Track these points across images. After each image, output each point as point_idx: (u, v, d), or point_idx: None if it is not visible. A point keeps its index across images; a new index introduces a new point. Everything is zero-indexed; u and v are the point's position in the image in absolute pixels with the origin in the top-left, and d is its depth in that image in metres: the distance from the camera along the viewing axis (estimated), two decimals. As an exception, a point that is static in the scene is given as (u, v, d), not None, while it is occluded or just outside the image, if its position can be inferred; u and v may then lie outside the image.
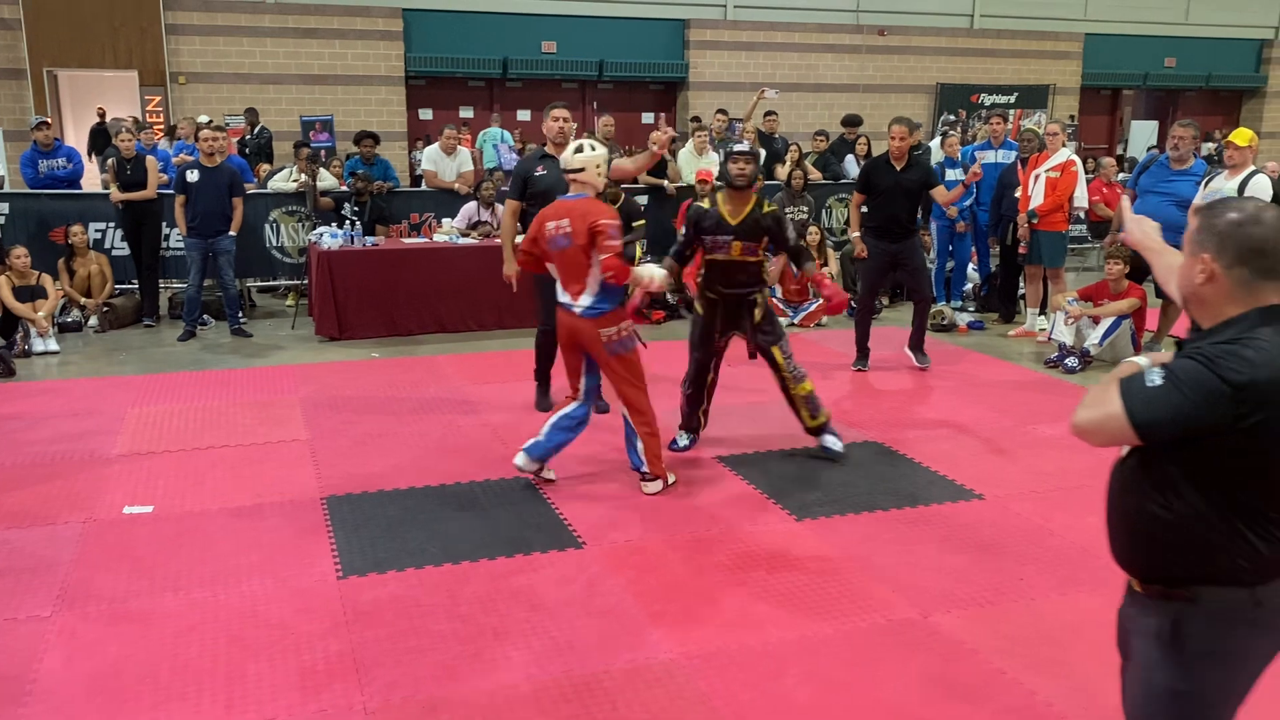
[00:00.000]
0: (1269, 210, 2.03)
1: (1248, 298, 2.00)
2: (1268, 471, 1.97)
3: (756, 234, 5.30)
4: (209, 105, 13.29)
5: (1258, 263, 1.98)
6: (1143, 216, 2.56)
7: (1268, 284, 2.00)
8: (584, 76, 15.46)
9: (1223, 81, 18.88)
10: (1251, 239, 1.99)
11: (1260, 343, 1.93)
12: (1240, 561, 2.00)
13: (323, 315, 8.47)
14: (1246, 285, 2.00)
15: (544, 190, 5.97)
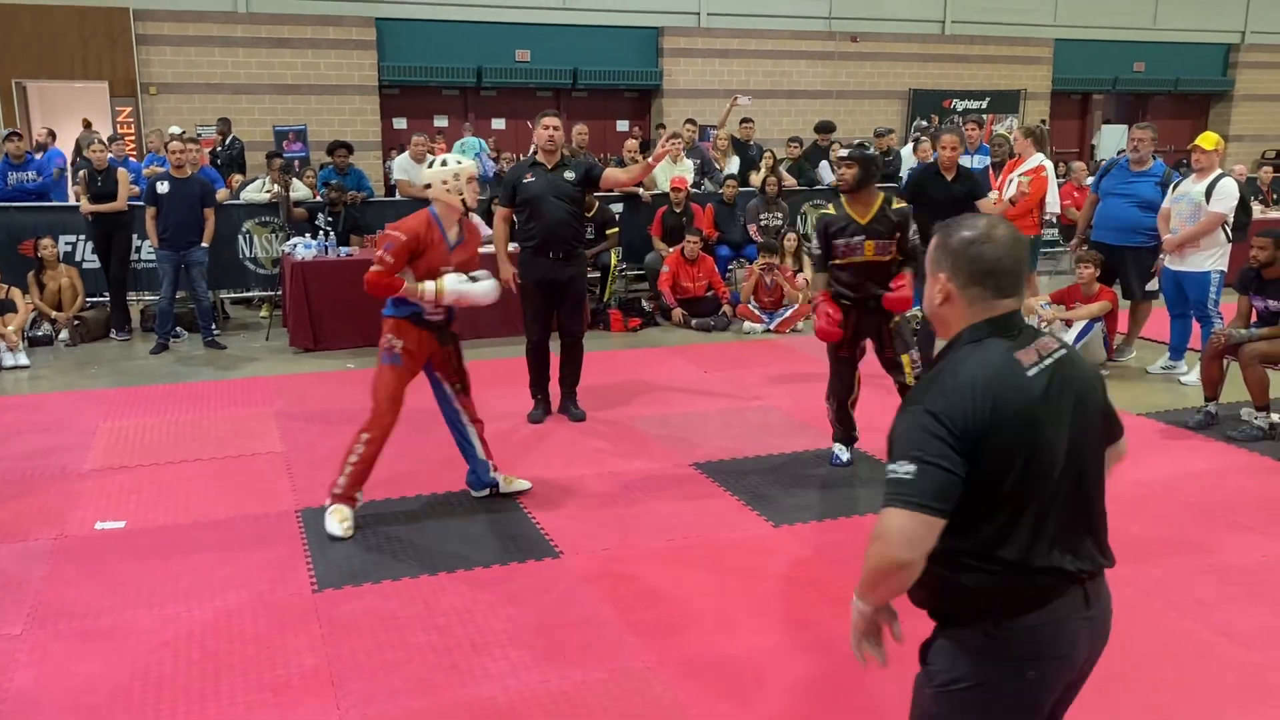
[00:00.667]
0: (1001, 228, 2.03)
1: (988, 314, 2.01)
2: (986, 498, 1.91)
3: (889, 231, 5.15)
4: (181, 116, 13.19)
5: (990, 282, 1.99)
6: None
7: (1001, 302, 2.01)
8: (558, 85, 15.46)
9: (1191, 85, 19.10)
10: (983, 258, 1.99)
11: (963, 364, 1.95)
12: (969, 595, 1.97)
13: (297, 326, 8.41)
14: (980, 304, 2.00)
15: (532, 197, 6.11)
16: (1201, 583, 4.20)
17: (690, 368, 7.79)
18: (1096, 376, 2.10)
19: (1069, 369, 2.00)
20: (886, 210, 5.16)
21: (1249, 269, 6.24)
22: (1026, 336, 2.01)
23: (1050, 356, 1.99)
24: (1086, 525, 2.03)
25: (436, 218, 4.69)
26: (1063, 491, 1.97)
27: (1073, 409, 1.98)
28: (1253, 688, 3.43)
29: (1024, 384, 1.93)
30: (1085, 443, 2.01)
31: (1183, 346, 7.50)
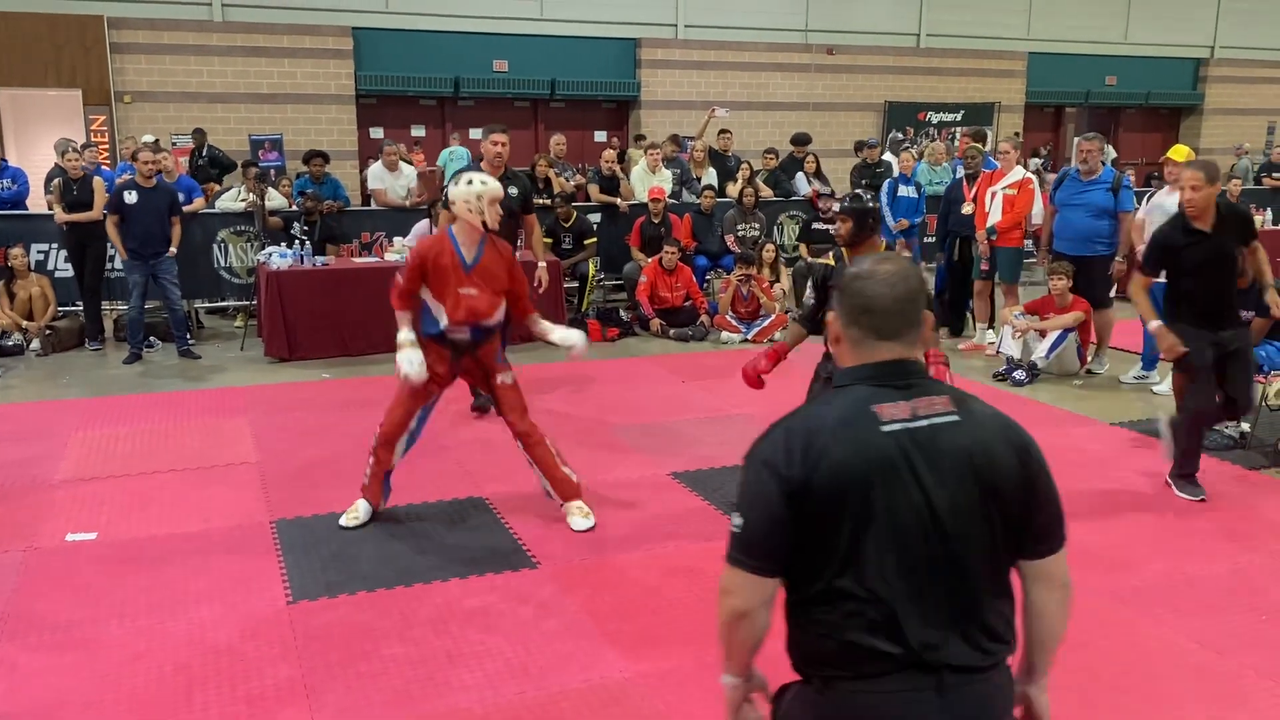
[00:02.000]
0: (889, 264, 1.90)
1: (868, 358, 1.87)
2: (817, 552, 1.80)
3: None
4: (155, 125, 13.10)
5: (865, 321, 1.86)
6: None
7: (882, 346, 1.86)
8: (536, 95, 15.46)
9: (1162, 99, 19.34)
10: (860, 295, 1.88)
11: (813, 409, 1.86)
12: (798, 647, 1.89)
13: (272, 336, 8.36)
14: (863, 347, 1.88)
15: None
16: (1175, 590, 4.23)
17: (668, 377, 7.79)
18: (1009, 464, 1.82)
19: (956, 438, 1.80)
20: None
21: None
22: (911, 391, 1.83)
23: (929, 419, 1.80)
24: (955, 616, 1.79)
25: (453, 237, 4.67)
26: (919, 569, 1.77)
27: (947, 483, 1.77)
28: (1226, 694, 3.46)
29: (869, 439, 1.77)
30: (963, 525, 1.78)
31: (1155, 357, 7.56)
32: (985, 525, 1.81)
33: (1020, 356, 7.75)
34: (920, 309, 1.89)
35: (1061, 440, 6.26)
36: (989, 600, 1.82)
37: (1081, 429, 6.52)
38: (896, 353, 1.86)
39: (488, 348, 4.81)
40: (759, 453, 1.86)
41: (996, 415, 1.88)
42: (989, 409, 1.89)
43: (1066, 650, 3.67)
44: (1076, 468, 5.73)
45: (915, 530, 1.76)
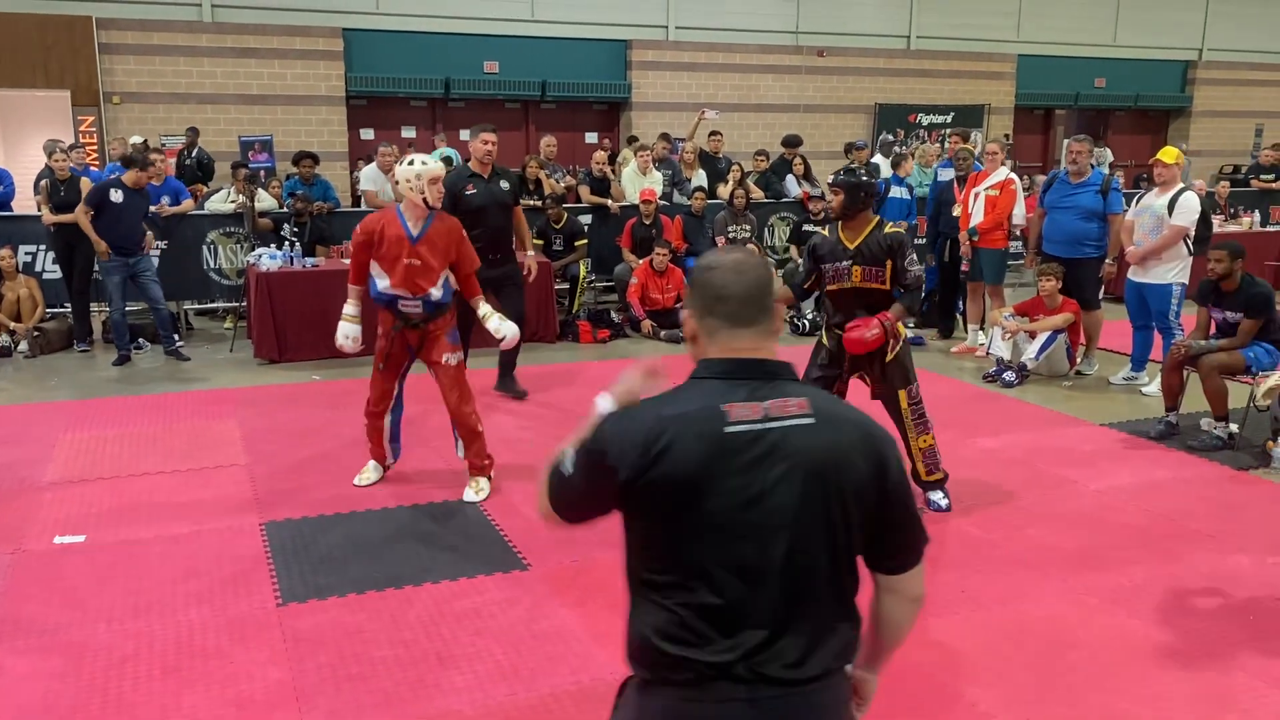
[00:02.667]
0: (736, 253, 1.87)
1: (726, 349, 1.81)
2: (648, 546, 1.78)
3: (879, 257, 4.80)
4: (144, 126, 13.04)
5: (721, 309, 1.80)
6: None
7: (741, 334, 1.80)
8: (527, 96, 15.44)
9: (1150, 101, 19.40)
10: (711, 284, 1.82)
11: (667, 399, 1.81)
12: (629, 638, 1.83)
13: (262, 338, 8.33)
14: (720, 337, 1.81)
15: (476, 208, 6.60)
16: (1163, 591, 4.24)
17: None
18: (862, 474, 1.75)
19: (807, 442, 1.73)
20: (877, 234, 4.83)
21: (1207, 281, 6.34)
22: (766, 390, 1.76)
23: (781, 421, 1.74)
24: (782, 625, 1.73)
25: (400, 213, 5.06)
26: (749, 575, 1.72)
27: (790, 488, 1.71)
28: (1213, 696, 3.47)
29: (711, 438, 1.71)
30: (804, 533, 1.73)
31: (1144, 358, 7.60)
32: (829, 534, 1.74)
33: (1010, 358, 7.77)
34: (771, 297, 1.85)
35: (1051, 441, 6.28)
36: (823, 613, 1.76)
37: (1071, 430, 6.54)
38: (753, 343, 1.80)
39: (439, 323, 5.11)
40: (619, 427, 1.79)
41: (861, 424, 1.81)
42: (855, 416, 1.83)
43: (1057, 650, 3.69)
44: (1065, 468, 5.75)
45: (749, 535, 1.71)
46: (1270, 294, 6.27)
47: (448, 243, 5.07)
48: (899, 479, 1.80)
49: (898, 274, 4.83)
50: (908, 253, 4.82)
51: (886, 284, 4.84)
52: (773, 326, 1.84)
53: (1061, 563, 4.49)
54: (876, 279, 4.83)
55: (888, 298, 4.87)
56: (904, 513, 1.82)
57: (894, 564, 1.85)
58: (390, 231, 4.99)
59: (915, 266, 4.84)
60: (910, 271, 4.82)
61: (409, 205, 5.03)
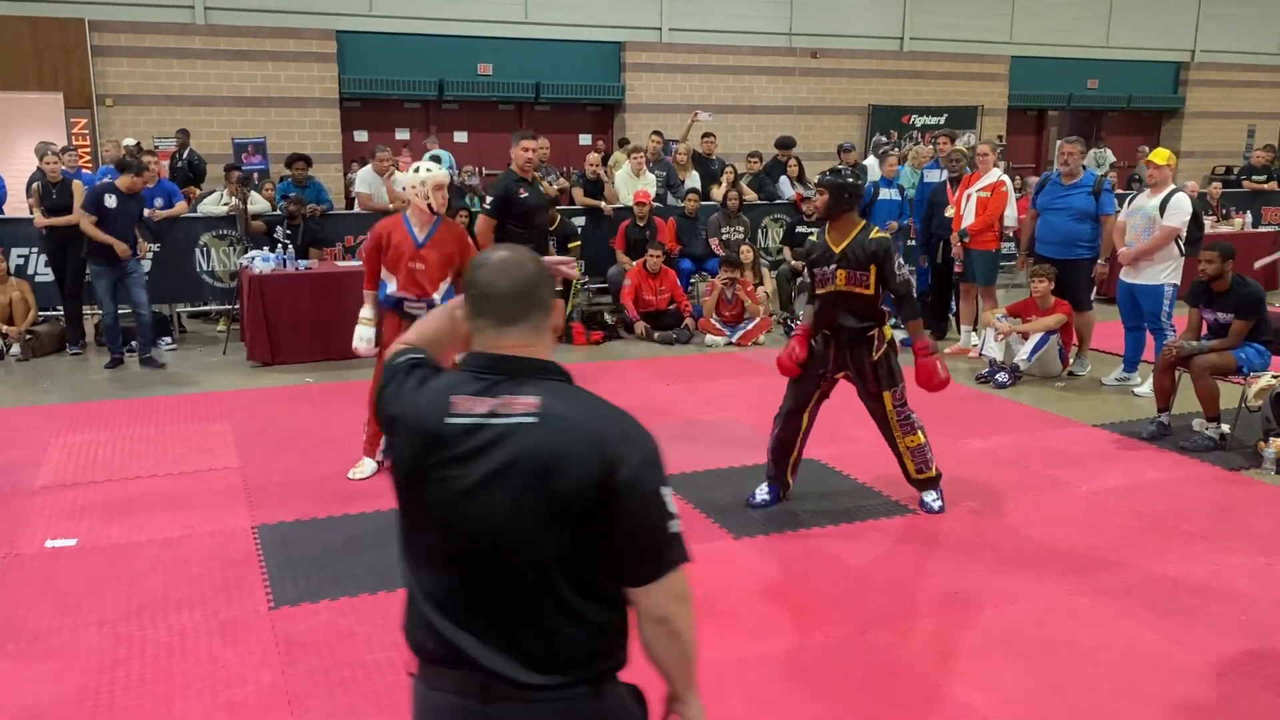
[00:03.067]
0: (505, 251, 1.84)
1: (489, 347, 1.79)
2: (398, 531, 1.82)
3: (863, 261, 4.79)
4: (137, 128, 13.02)
5: (488, 308, 1.78)
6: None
7: (506, 331, 1.77)
8: (521, 98, 15.44)
9: (1143, 103, 19.45)
10: (477, 284, 1.80)
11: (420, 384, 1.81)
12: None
13: (255, 340, 8.33)
14: (486, 335, 1.79)
15: (527, 211, 6.86)
16: (1155, 591, 4.26)
17: (653, 381, 7.79)
18: (586, 478, 1.66)
19: (528, 442, 1.67)
20: (863, 239, 4.81)
21: (1199, 282, 6.36)
22: (506, 387, 1.73)
23: (505, 418, 1.70)
24: (498, 627, 1.71)
25: (406, 219, 5.30)
26: (462, 573, 1.72)
27: (505, 488, 1.67)
28: (1205, 697, 3.48)
29: (431, 430, 1.72)
30: (516, 535, 1.68)
31: (1136, 359, 7.62)
32: (543, 538, 1.68)
33: (1003, 359, 7.79)
34: (541, 296, 1.81)
35: (1043, 442, 6.29)
36: (540, 618, 1.70)
37: (1063, 431, 6.56)
38: (516, 341, 1.77)
39: None
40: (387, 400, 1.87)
41: (596, 427, 1.72)
42: (592, 418, 1.73)
43: (1049, 651, 3.70)
44: (1058, 469, 5.77)
45: (461, 532, 1.71)
46: (1261, 295, 6.29)
47: (452, 247, 5.27)
48: (632, 486, 1.68)
49: (886, 280, 4.82)
50: (894, 258, 4.82)
51: (871, 289, 4.83)
52: (541, 325, 1.81)
53: (1054, 564, 4.50)
54: (860, 283, 4.83)
55: (872, 301, 4.86)
56: (637, 523, 1.70)
57: (629, 578, 1.74)
58: (397, 237, 5.23)
59: (902, 270, 4.85)
60: (899, 276, 4.82)
61: (415, 211, 5.25)
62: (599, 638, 1.75)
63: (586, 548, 1.70)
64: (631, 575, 1.73)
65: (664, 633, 1.77)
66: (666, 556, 1.73)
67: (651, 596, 1.73)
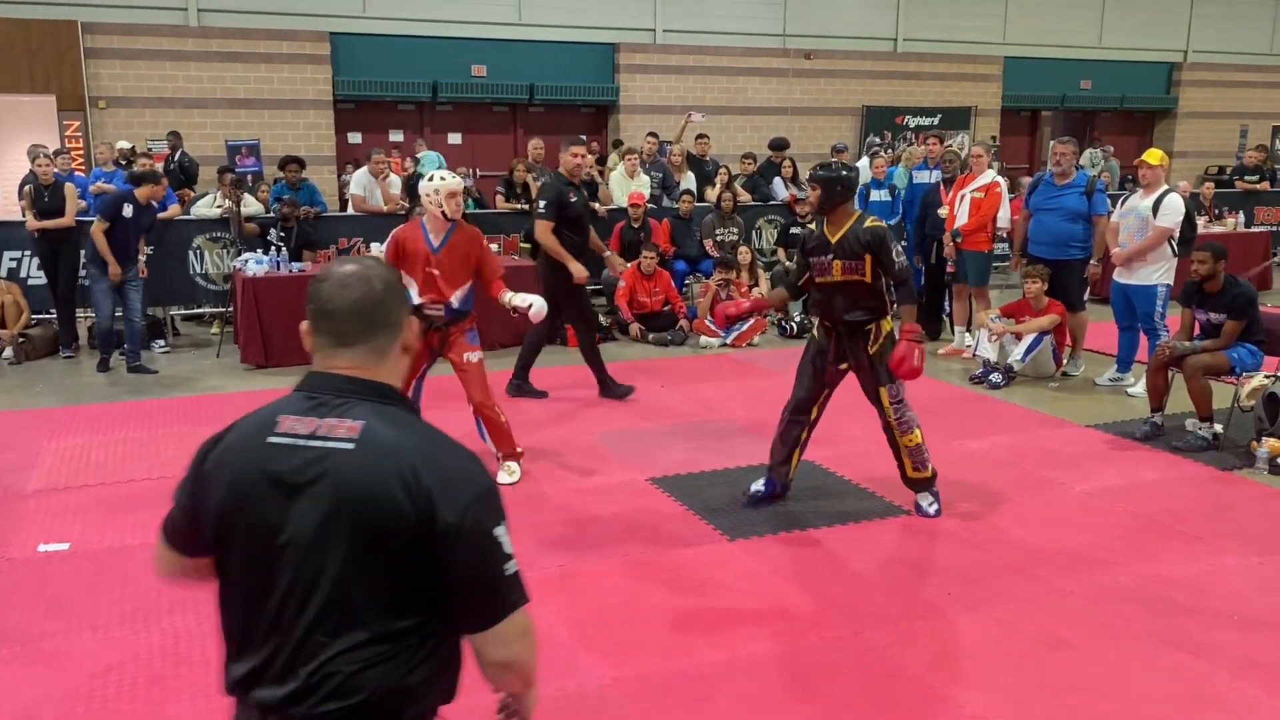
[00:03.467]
0: (351, 265, 1.73)
1: (324, 366, 1.72)
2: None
3: (858, 251, 4.75)
4: (130, 130, 13.00)
5: (324, 326, 1.69)
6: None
7: (341, 352, 1.69)
8: (515, 100, 15.45)
9: (1136, 103, 19.50)
10: (316, 299, 1.70)
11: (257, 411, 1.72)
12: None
13: (248, 343, 8.31)
14: (322, 352, 1.71)
15: (577, 215, 7.09)
16: (1149, 590, 4.26)
17: (647, 382, 7.79)
18: (399, 511, 1.57)
19: (340, 469, 1.59)
20: (857, 229, 4.77)
21: (1191, 283, 6.38)
22: (337, 409, 1.63)
23: (326, 442, 1.61)
24: (295, 664, 1.60)
25: (423, 225, 5.37)
26: (261, 604, 1.63)
27: (314, 516, 1.59)
28: (1200, 696, 3.49)
29: (251, 453, 1.64)
30: (324, 568, 1.58)
31: (1130, 359, 7.63)
32: (352, 571, 1.58)
33: (996, 359, 7.80)
34: (384, 315, 1.70)
35: (1037, 442, 6.30)
36: (352, 657, 1.59)
37: (1057, 431, 6.57)
38: (354, 362, 1.68)
39: (458, 326, 5.41)
40: (206, 443, 1.76)
41: (417, 459, 1.61)
42: (419, 449, 1.63)
43: (1044, 652, 3.70)
44: (1052, 470, 5.77)
45: (265, 561, 1.61)
46: (1253, 295, 6.31)
47: (469, 250, 5.36)
48: (460, 528, 1.58)
49: (884, 269, 4.77)
50: (890, 245, 4.75)
51: (866, 277, 4.79)
52: (383, 347, 1.70)
53: (1048, 564, 4.51)
54: (856, 272, 4.79)
55: (869, 291, 4.82)
56: (471, 568, 1.60)
57: (467, 624, 1.65)
58: (413, 244, 5.33)
59: (900, 258, 4.78)
60: (896, 264, 4.75)
61: (431, 218, 5.32)
62: (424, 679, 1.66)
63: (400, 584, 1.60)
64: (469, 622, 1.64)
65: (506, 672, 1.69)
66: (506, 600, 1.64)
67: (490, 641, 1.64)
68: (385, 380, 1.70)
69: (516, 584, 1.65)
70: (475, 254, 5.39)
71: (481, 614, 1.62)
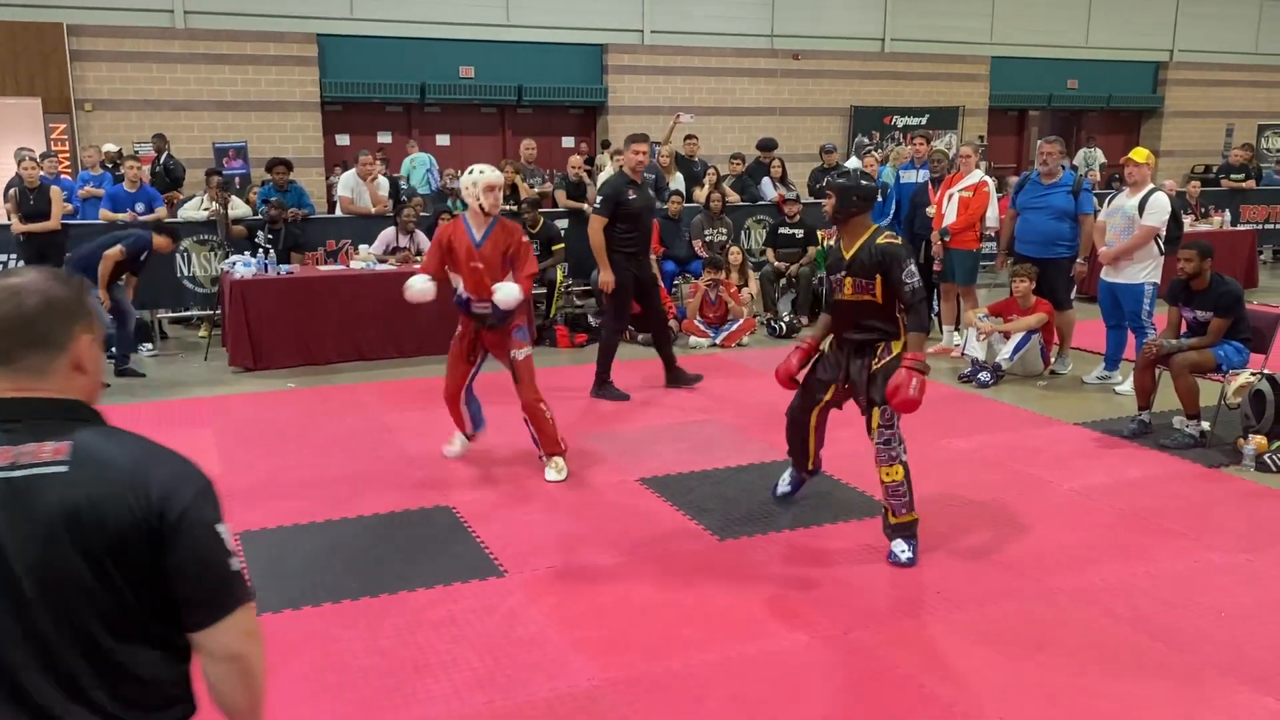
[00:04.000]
0: (10, 278, 1.62)
1: None
2: None
3: (869, 269, 4.44)
4: (117, 133, 12.95)
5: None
6: None
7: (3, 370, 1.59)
8: (503, 101, 15.44)
9: (1122, 102, 19.58)
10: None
11: None
12: None
13: (236, 346, 8.28)
14: None
15: (636, 212, 7.20)
16: (1137, 588, 4.28)
17: (636, 383, 7.79)
18: (128, 525, 1.54)
19: (58, 492, 1.53)
20: (870, 245, 4.47)
21: (1178, 281, 6.40)
22: (25, 435, 1.56)
23: (30, 469, 1.54)
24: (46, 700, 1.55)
25: (466, 221, 5.48)
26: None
27: (35, 544, 1.52)
28: (1188, 692, 3.50)
29: None
30: (58, 595, 1.54)
31: (1118, 357, 7.66)
32: (98, 594, 1.55)
33: (985, 358, 7.82)
34: (44, 332, 1.59)
35: (1026, 441, 6.32)
36: (102, 683, 1.57)
37: (1046, 429, 6.59)
38: (14, 383, 1.59)
39: (508, 325, 5.51)
40: None
41: (138, 464, 1.59)
42: (132, 456, 1.61)
43: (1032, 650, 3.71)
44: (1040, 468, 5.79)
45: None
46: (1239, 293, 6.34)
47: (506, 244, 5.42)
48: (183, 524, 1.57)
49: (895, 289, 4.43)
50: (903, 265, 4.39)
51: (878, 297, 4.47)
52: (41, 365, 1.60)
53: (1037, 562, 4.52)
54: (867, 291, 4.48)
55: (881, 310, 4.51)
56: (195, 562, 1.58)
57: (193, 621, 1.61)
58: (457, 239, 5.44)
59: (912, 279, 4.40)
60: (907, 285, 4.38)
61: (472, 213, 5.44)
62: (156, 693, 1.63)
63: (137, 599, 1.57)
64: (195, 618, 1.60)
65: (235, 671, 1.64)
66: (231, 594, 1.62)
67: (219, 636, 1.61)
68: (65, 396, 1.62)
69: (241, 580, 1.64)
70: (512, 247, 5.43)
71: (209, 607, 1.60)
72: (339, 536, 4.80)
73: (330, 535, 4.82)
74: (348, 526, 4.92)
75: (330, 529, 4.90)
